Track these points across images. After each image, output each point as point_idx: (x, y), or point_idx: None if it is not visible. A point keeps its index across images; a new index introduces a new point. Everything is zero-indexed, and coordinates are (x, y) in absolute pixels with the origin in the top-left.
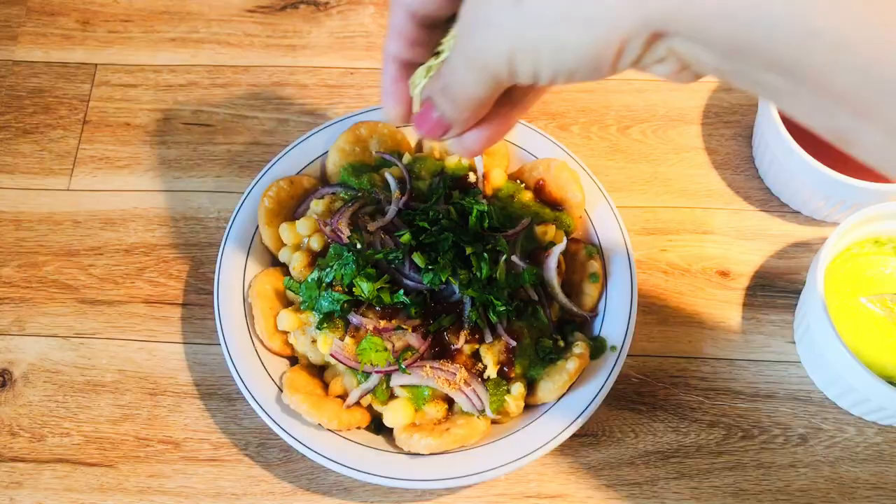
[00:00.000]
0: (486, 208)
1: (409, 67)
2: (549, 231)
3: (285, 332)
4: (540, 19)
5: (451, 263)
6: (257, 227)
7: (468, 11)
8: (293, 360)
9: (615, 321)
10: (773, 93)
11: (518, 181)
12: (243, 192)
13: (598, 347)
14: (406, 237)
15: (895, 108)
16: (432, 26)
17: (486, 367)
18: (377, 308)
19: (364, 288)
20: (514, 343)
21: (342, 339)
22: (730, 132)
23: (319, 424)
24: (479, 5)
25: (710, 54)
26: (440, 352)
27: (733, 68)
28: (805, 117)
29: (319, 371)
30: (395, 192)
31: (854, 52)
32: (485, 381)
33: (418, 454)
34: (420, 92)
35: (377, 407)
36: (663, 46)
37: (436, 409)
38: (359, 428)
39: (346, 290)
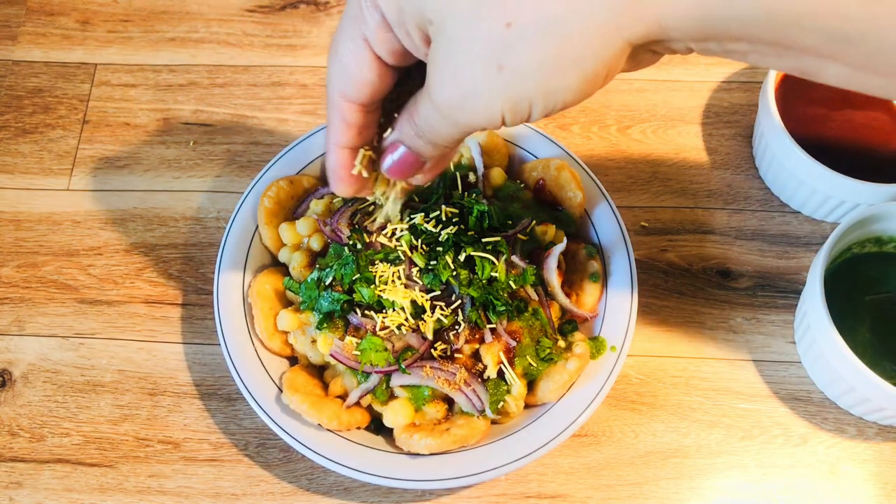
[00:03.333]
0: (486, 208)
1: (353, 151)
2: (549, 231)
3: (285, 332)
4: (527, 77)
5: (452, 263)
6: (257, 227)
7: (444, 83)
8: (293, 360)
9: (615, 321)
10: (739, 56)
11: (518, 181)
12: (243, 192)
13: (598, 347)
14: (406, 237)
15: (855, 52)
16: (375, 110)
17: (486, 367)
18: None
19: (364, 293)
20: (514, 343)
21: (342, 339)
22: (730, 132)
23: (319, 424)
24: (456, 78)
25: (683, 45)
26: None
27: (704, 48)
28: (770, 66)
29: (319, 371)
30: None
31: (814, 17)
32: (485, 381)
33: (418, 454)
34: (365, 161)
35: (377, 407)
36: (644, 54)
37: (436, 409)
38: (359, 428)
39: (346, 290)
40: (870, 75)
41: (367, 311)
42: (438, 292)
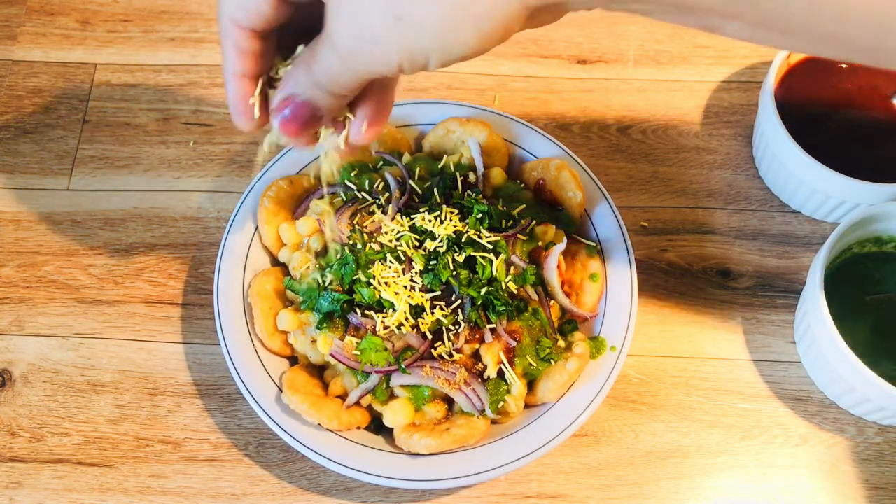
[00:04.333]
0: (486, 208)
1: (252, 81)
2: (549, 231)
3: (285, 332)
4: (425, 30)
5: (451, 263)
6: (257, 227)
7: (342, 27)
8: (293, 360)
9: (615, 321)
10: (642, 13)
11: (518, 181)
12: (243, 192)
13: (598, 347)
14: (406, 237)
15: (755, 11)
16: (266, 38)
17: (486, 367)
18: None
19: (364, 293)
20: (514, 343)
21: (342, 339)
22: (730, 132)
23: (319, 424)
24: (356, 23)
25: (584, 5)
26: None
27: (606, 6)
28: (673, 22)
29: (319, 371)
30: (395, 192)
31: None
32: (485, 381)
33: (418, 454)
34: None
35: (377, 407)
36: (543, 14)
37: (436, 409)
38: (359, 428)
39: (346, 290)
40: (770, 32)
41: (367, 311)
42: (438, 292)
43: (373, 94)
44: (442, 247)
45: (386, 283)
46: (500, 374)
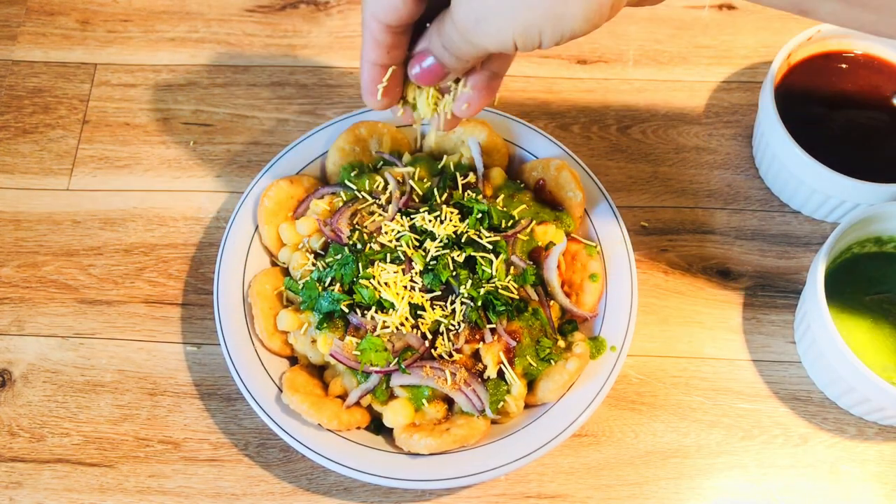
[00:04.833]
0: (486, 208)
1: (383, 69)
2: (549, 231)
3: (285, 332)
4: (533, 5)
5: (451, 263)
6: (257, 227)
7: (462, 4)
8: (293, 360)
9: (615, 321)
10: None
11: (518, 181)
12: (243, 192)
13: (598, 347)
14: (406, 238)
15: None
16: (403, 32)
17: (486, 367)
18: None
19: (364, 293)
20: (514, 343)
21: (342, 339)
22: (730, 132)
23: (319, 424)
24: (470, 1)
25: None
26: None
27: None
28: (766, 4)
29: (319, 371)
30: (395, 192)
31: None
32: (485, 381)
33: (418, 454)
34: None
35: (377, 407)
36: None
37: (436, 409)
38: (359, 428)
39: (346, 290)
40: (863, 11)
41: (367, 311)
42: (438, 292)
43: (485, 68)
44: (442, 247)
45: (386, 284)
46: (500, 374)
